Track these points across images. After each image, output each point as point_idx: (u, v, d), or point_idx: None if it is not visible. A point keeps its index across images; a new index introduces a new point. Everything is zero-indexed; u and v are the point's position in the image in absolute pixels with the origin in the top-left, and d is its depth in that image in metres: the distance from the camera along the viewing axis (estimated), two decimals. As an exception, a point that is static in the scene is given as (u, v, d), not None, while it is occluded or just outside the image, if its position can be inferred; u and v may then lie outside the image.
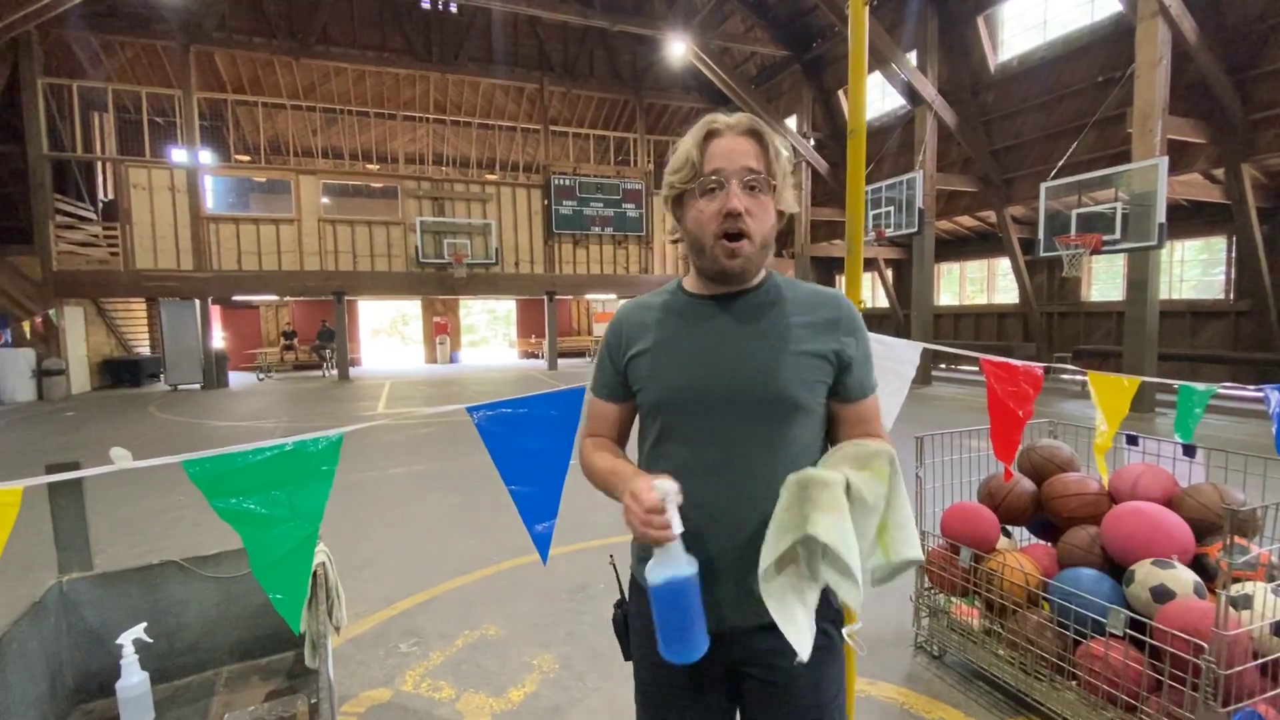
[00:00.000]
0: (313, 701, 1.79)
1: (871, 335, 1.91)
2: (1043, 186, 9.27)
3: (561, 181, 16.39)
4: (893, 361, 1.76)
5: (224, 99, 15.73)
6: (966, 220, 14.21)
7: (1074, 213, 8.72)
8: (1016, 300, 13.74)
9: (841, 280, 19.61)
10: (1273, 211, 9.57)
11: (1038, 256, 9.73)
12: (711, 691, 1.08)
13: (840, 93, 15.96)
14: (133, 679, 1.75)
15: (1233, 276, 10.32)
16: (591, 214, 16.74)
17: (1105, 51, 10.22)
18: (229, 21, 14.46)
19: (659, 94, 18.28)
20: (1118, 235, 8.14)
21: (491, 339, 26.14)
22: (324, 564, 1.92)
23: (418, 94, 17.57)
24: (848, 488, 0.89)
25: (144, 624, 1.83)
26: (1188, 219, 10.62)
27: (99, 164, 15.31)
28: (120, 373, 14.38)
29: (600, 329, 22.43)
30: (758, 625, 1.00)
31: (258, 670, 2.04)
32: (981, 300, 15.54)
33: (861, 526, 0.90)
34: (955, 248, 15.51)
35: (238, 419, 9.49)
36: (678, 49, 14.16)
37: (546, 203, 16.44)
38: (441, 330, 20.31)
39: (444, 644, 2.72)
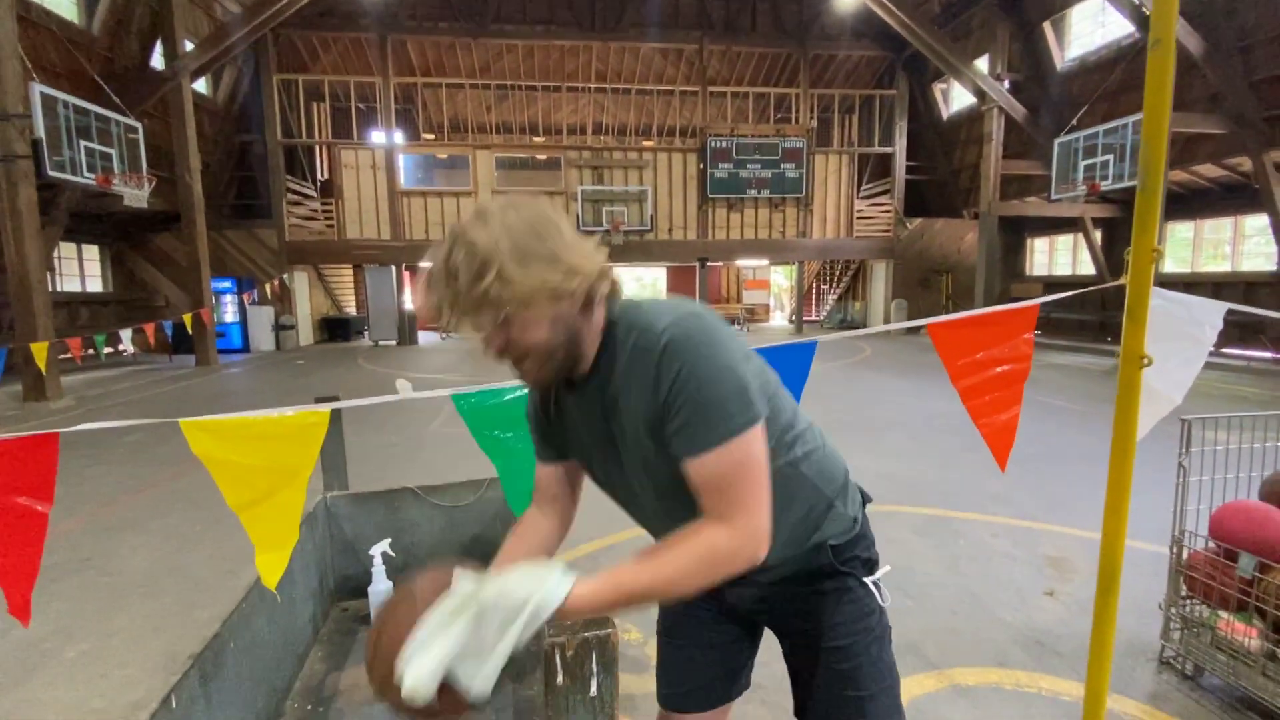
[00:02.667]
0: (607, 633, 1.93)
1: (1162, 292, 1.59)
2: (1334, 120, 7.32)
3: (718, 144, 16.05)
4: (1188, 324, 1.45)
5: (414, 83, 17.34)
6: (1208, 169, 11.74)
7: (1383, 152, 6.80)
8: (1272, 267, 11.18)
9: (1035, 245, 17.27)
10: None
11: (1317, 210, 7.77)
12: (731, 623, 1.11)
13: (1047, 24, 13.79)
14: (381, 585, 2.01)
15: None
16: (748, 176, 16.25)
17: None
18: (418, 10, 15.82)
19: (826, 44, 17.07)
20: None
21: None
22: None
23: (580, 64, 18.05)
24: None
25: (389, 539, 2.09)
26: None
27: (317, 147, 17.71)
28: (334, 329, 16.80)
29: (750, 296, 21.97)
30: (758, 581, 1.01)
31: (474, 592, 2.25)
32: (1221, 267, 12.86)
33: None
34: (1190, 204, 12.92)
35: (429, 372, 10.65)
36: (849, -8, 13.06)
37: (702, 166, 16.23)
38: (596, 296, 21.10)
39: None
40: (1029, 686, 2.13)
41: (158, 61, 11.85)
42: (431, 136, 19.22)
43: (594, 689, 0.63)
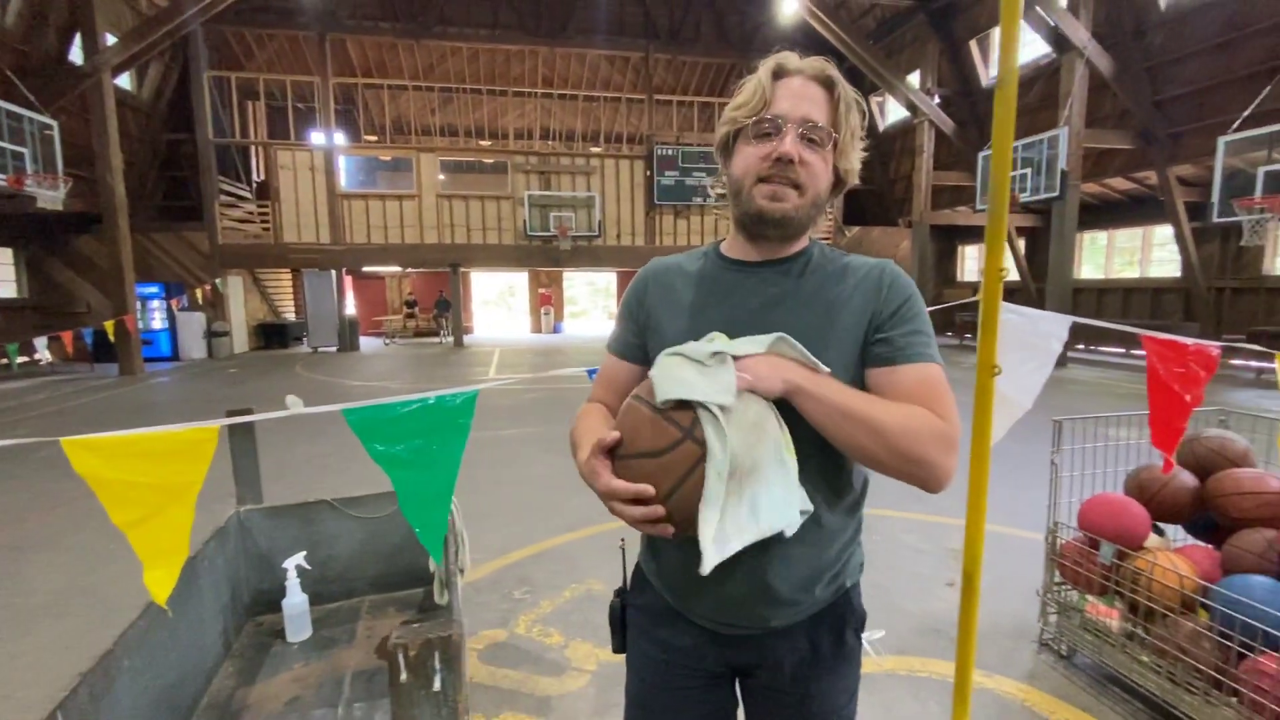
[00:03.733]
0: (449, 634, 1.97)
1: (1011, 307, 1.76)
2: (1221, 141, 8.02)
3: (664, 152, 16.26)
4: (1035, 336, 1.62)
5: (354, 83, 16.93)
6: (1119, 183, 12.63)
7: (1260, 171, 7.50)
8: (1178, 274, 12.10)
9: (966, 252, 18.16)
10: None
11: (1210, 223, 8.48)
12: (714, 691, 0.99)
13: (973, 43, 14.56)
14: (296, 598, 2.01)
15: None
16: (694, 184, 16.52)
17: (1314, -24, 8.57)
18: (359, 9, 15.47)
19: (768, 56, 17.52)
20: (1317, 197, 6.92)
21: (591, 310, 26.72)
22: (452, 511, 2.08)
23: (527, 69, 18.00)
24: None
25: (304, 552, 2.09)
26: None
27: (253, 147, 17.06)
28: (271, 335, 16.19)
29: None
30: (767, 630, 0.93)
31: (394, 602, 2.27)
32: (1132, 274, 13.83)
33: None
34: (1102, 214, 13.86)
35: (369, 379, 10.41)
36: (790, 6, 13.47)
37: (649, 174, 16.41)
38: (546, 301, 21.04)
39: (553, 594, 2.88)
40: (921, 671, 2.29)
41: (77, 56, 11.22)
42: (374, 138, 18.80)
43: (437, 684, 0.69)
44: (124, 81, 13.08)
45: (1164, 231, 12.48)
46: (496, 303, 26.54)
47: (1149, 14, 10.86)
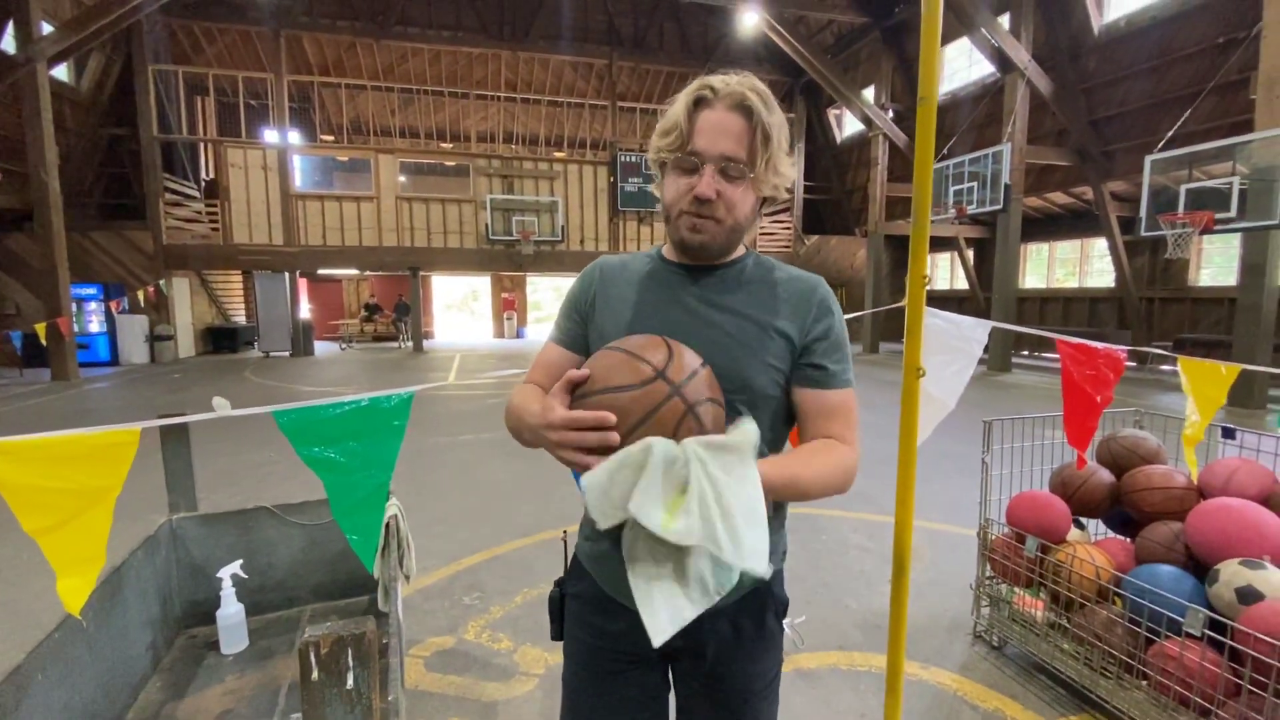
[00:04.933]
0: (385, 641, 1.95)
1: (936, 312, 1.85)
2: (1148, 160, 8.51)
3: (627, 158, 16.36)
4: (959, 340, 1.70)
5: (310, 81, 16.52)
6: (1059, 197, 13.25)
7: (1183, 188, 7.97)
8: (1113, 284, 12.76)
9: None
10: None
11: (1139, 236, 8.97)
12: (647, 674, 1.02)
13: (922, 61, 15.07)
14: (231, 609, 1.96)
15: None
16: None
17: (1227, 9, 9.18)
18: (315, 6, 15.13)
19: (730, 67, 16.87)
20: (1233, 213, 7.39)
21: (555, 315, 26.65)
22: (396, 516, 2.06)
23: (489, 73, 17.88)
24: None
25: (240, 561, 2.03)
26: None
27: (201, 145, 16.48)
28: (220, 339, 15.62)
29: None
30: (709, 615, 0.93)
31: (336, 610, 2.22)
32: (1072, 284, 14.51)
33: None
34: (1044, 227, 14.52)
35: (322, 385, 10.14)
36: (750, 19, 13.74)
37: (612, 179, 16.48)
38: (509, 306, 20.87)
39: (504, 600, 2.86)
40: (862, 665, 2.36)
41: (9, 44, 10.66)
42: (330, 138, 18.38)
43: (350, 682, 0.70)
44: (61, 73, 12.48)
45: (1100, 244, 13.15)
46: (459, 307, 26.18)
47: (1084, 39, 11.47)
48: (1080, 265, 14.38)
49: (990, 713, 2.10)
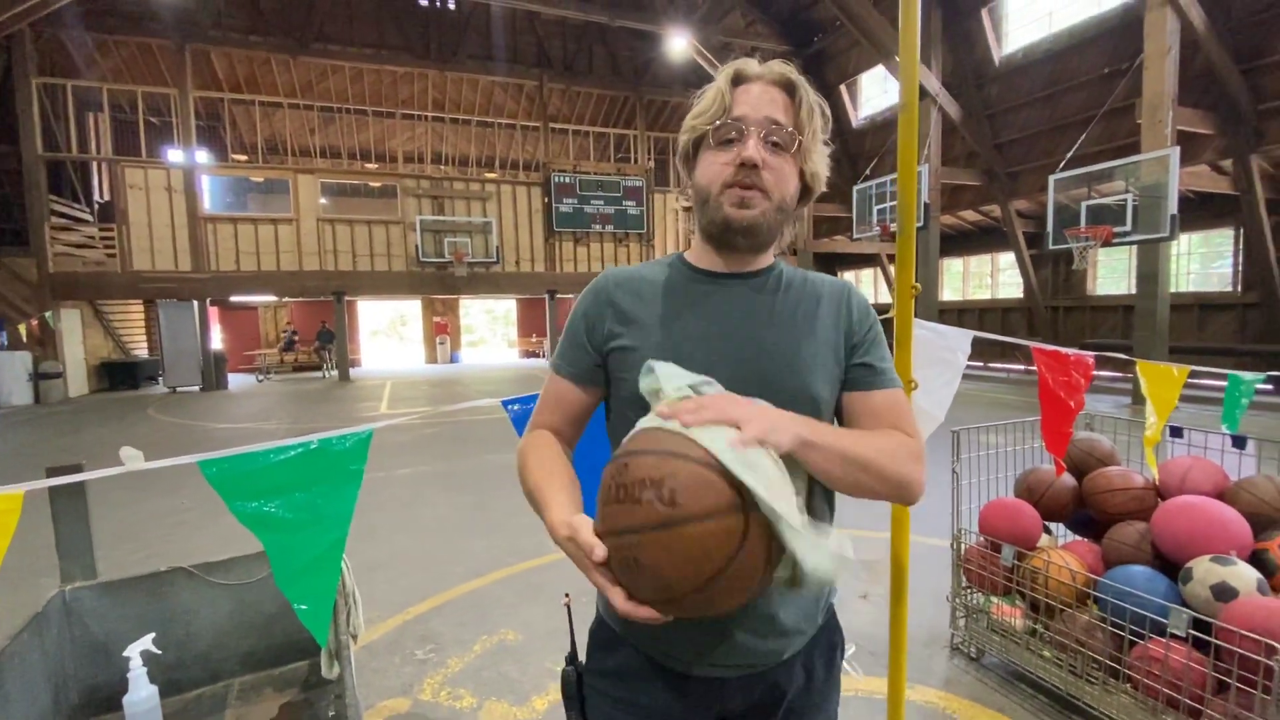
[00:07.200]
0: (330, 714, 1.70)
1: (923, 323, 1.82)
2: (1052, 179, 9.18)
3: (562, 179, 16.27)
4: (944, 350, 1.67)
5: (220, 98, 15.57)
6: (970, 214, 14.14)
7: (1083, 205, 8.63)
8: (1021, 295, 13.67)
9: (844, 277, 19.52)
10: (1281, 203, 9.50)
11: (1046, 250, 9.63)
12: None
13: (842, 88, 15.86)
14: (141, 693, 1.65)
15: (1240, 269, 10.25)
16: (592, 212, 16.61)
17: (1112, 42, 10.14)
18: (225, 19, 14.32)
19: (659, 90, 18.14)
20: (1128, 227, 8.06)
21: (490, 339, 26.00)
22: (342, 569, 1.82)
23: (416, 92, 17.43)
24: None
25: (152, 634, 1.73)
26: (1192, 211, 10.55)
27: (95, 165, 15.16)
28: (118, 375, 14.24)
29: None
30: (758, 669, 0.87)
31: (271, 681, 1.94)
32: (985, 295, 15.46)
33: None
34: (959, 242, 15.44)
35: (239, 421, 9.37)
36: (678, 44, 14.05)
37: (547, 200, 16.32)
38: (442, 330, 20.19)
39: (462, 650, 2.62)
40: (847, 690, 2.28)
41: None
42: (244, 157, 17.35)
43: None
44: (-77, 84, 11.20)
45: (1008, 258, 14.09)
46: (387, 332, 25.13)
47: (987, 69, 12.37)
48: (992, 278, 15.37)
49: (981, 729, 2.06)
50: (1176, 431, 2.46)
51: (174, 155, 14.18)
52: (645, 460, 0.62)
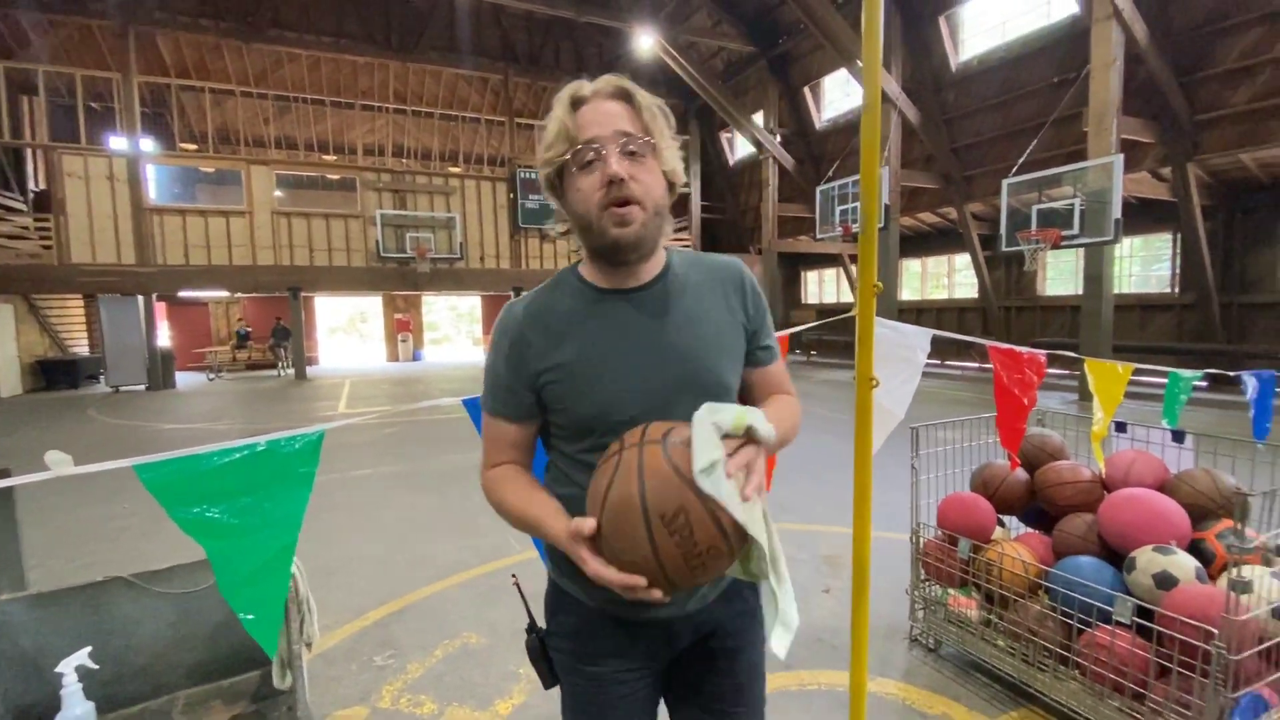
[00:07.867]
0: (284, 727, 1.64)
1: (884, 321, 1.85)
2: (1005, 183, 9.49)
3: (527, 175, 16.10)
4: (904, 349, 1.69)
5: (167, 84, 14.92)
6: (928, 216, 14.51)
7: (1034, 209, 8.95)
8: (976, 295, 14.10)
9: (808, 277, 19.83)
10: (1215, 209, 10.01)
11: (999, 251, 9.96)
12: (656, 689, 1.04)
13: (806, 89, 16.09)
14: (75, 710, 1.56)
15: (1177, 271, 10.78)
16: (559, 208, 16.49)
17: (1061, 52, 10.52)
18: (172, 2, 13.71)
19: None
20: (1076, 230, 8.38)
21: (454, 336, 25.56)
22: (294, 575, 1.75)
23: (376, 83, 17.01)
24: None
25: (89, 648, 1.63)
26: (1134, 216, 11.04)
27: (29, 151, 14.35)
28: (56, 374, 13.52)
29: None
30: (700, 607, 0.98)
31: (219, 694, 1.85)
32: (942, 295, 15.90)
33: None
34: (917, 243, 15.83)
35: (187, 421, 9.00)
36: (644, 42, 14.04)
37: (512, 196, 16.14)
38: (403, 328, 19.77)
39: (422, 655, 2.56)
40: (811, 684, 2.31)
41: None
42: (193, 146, 16.65)
43: None
44: None
45: (964, 259, 14.52)
46: (346, 329, 24.50)
47: (944, 74, 12.71)
48: (948, 279, 15.81)
49: (938, 718, 2.11)
50: (1121, 427, 2.56)
51: (116, 143, 13.50)
52: (704, 523, 0.76)
